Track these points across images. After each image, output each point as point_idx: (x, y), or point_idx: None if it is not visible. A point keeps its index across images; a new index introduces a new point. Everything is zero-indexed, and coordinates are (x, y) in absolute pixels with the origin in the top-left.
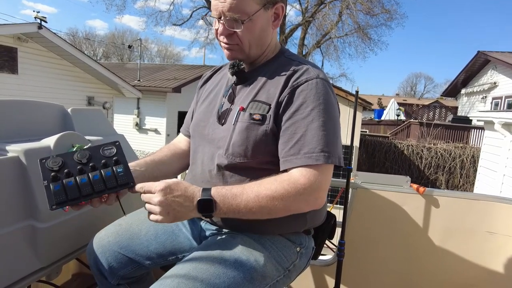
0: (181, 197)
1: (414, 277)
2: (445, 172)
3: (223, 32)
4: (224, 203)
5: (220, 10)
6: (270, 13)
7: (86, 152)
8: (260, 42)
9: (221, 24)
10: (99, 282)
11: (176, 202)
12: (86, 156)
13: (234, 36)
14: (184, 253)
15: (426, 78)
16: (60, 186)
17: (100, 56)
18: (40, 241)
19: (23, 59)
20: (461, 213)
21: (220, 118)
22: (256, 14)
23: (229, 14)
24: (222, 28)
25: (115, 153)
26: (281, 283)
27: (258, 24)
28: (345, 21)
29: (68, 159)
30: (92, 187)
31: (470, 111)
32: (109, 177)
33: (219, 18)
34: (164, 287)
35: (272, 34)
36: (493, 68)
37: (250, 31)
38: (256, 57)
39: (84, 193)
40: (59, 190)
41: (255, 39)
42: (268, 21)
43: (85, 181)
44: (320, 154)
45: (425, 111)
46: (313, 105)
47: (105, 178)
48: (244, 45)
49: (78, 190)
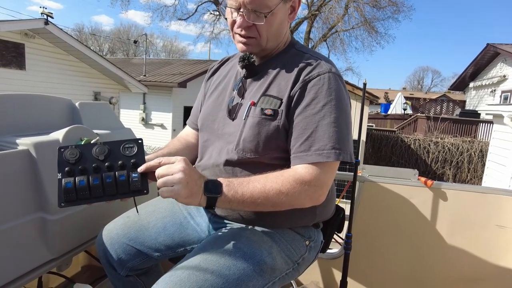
0: (197, 174)
1: (421, 270)
2: (453, 167)
3: (242, 24)
4: (230, 189)
5: (240, 1)
6: (288, 6)
7: (105, 148)
8: (277, 36)
9: (240, 16)
10: (108, 273)
11: (195, 175)
12: (104, 152)
13: (253, 28)
14: (192, 245)
15: (433, 71)
16: (72, 184)
17: (106, 52)
18: (50, 233)
19: (30, 55)
20: (469, 206)
21: (231, 113)
22: (277, 7)
23: (250, 6)
24: (241, 20)
25: (135, 153)
26: (290, 276)
27: (278, 17)
28: (352, 14)
29: (87, 152)
30: (104, 190)
31: (478, 105)
32: (123, 182)
33: (238, 9)
34: (175, 278)
35: (287, 27)
36: (502, 61)
37: (270, 24)
38: (271, 50)
39: (94, 195)
40: (70, 188)
41: (273, 32)
42: (286, 14)
43: (98, 182)
44: (331, 151)
45: (432, 105)
46: (325, 100)
47: (118, 182)
48: (262, 39)
49: (88, 191)
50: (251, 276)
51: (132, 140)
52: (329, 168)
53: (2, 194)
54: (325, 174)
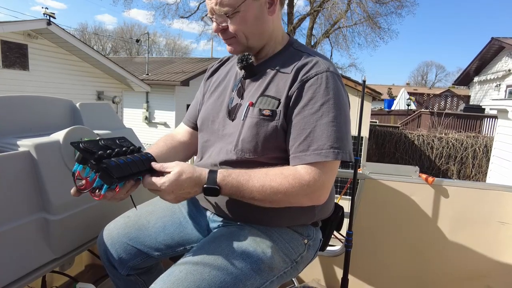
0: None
1: (422, 267)
2: (457, 162)
3: (216, 29)
4: (229, 191)
5: (210, 7)
6: (263, 1)
7: (108, 141)
8: (258, 32)
9: (214, 21)
10: (109, 272)
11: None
12: (110, 143)
13: (227, 31)
14: (192, 244)
15: (437, 66)
16: (115, 163)
17: (109, 51)
18: (52, 233)
19: (33, 55)
20: (471, 203)
21: (230, 114)
22: (243, 5)
23: (217, 9)
24: (215, 25)
25: (130, 144)
26: (288, 275)
27: (250, 14)
28: (354, 10)
29: (96, 145)
30: (137, 165)
31: (483, 100)
32: (147, 158)
33: (212, 16)
34: (172, 277)
35: (271, 22)
36: (507, 55)
37: (241, 22)
38: (259, 47)
39: (134, 170)
40: (114, 166)
41: (250, 29)
42: (262, 9)
43: (130, 160)
44: (329, 150)
45: (436, 100)
46: (323, 100)
47: (144, 159)
48: (240, 38)
49: (129, 167)
50: (249, 275)
51: (122, 137)
52: (328, 167)
53: (4, 195)
54: (325, 174)
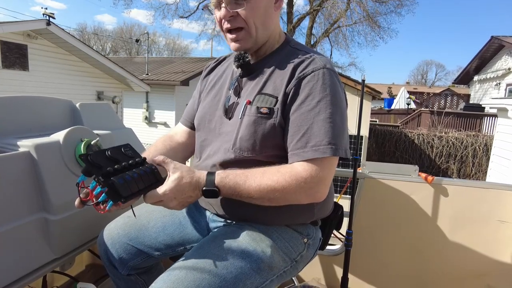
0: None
1: (422, 266)
2: (457, 161)
3: (225, 15)
4: (227, 192)
5: None
6: None
7: (114, 151)
8: (265, 24)
9: (223, 8)
10: (110, 272)
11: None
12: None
13: (238, 18)
14: (192, 243)
15: (437, 65)
16: (123, 180)
17: (109, 51)
18: (52, 233)
19: (33, 55)
20: (471, 202)
21: (227, 112)
22: None
23: None
24: (225, 11)
25: (135, 154)
26: (288, 274)
27: (261, 3)
28: (354, 9)
29: (102, 157)
30: (143, 181)
31: (483, 98)
32: (153, 171)
33: (220, 4)
34: (172, 277)
35: (275, 17)
36: (507, 54)
37: (254, 10)
38: (263, 43)
39: (140, 187)
40: (122, 184)
41: (260, 19)
42: (270, 2)
43: (137, 176)
44: (327, 146)
45: (436, 99)
46: (320, 96)
47: (150, 172)
48: (250, 27)
49: (135, 183)
50: (249, 274)
51: (127, 144)
52: (326, 164)
53: (4, 196)
54: (322, 170)
